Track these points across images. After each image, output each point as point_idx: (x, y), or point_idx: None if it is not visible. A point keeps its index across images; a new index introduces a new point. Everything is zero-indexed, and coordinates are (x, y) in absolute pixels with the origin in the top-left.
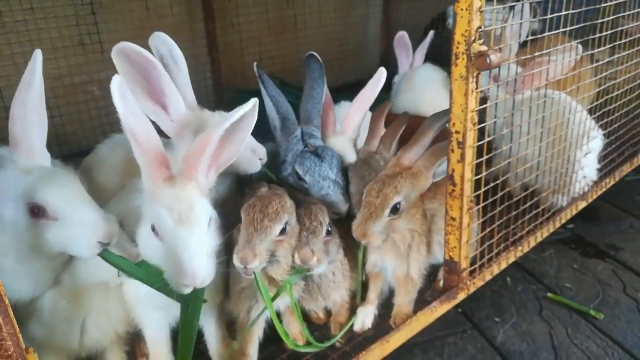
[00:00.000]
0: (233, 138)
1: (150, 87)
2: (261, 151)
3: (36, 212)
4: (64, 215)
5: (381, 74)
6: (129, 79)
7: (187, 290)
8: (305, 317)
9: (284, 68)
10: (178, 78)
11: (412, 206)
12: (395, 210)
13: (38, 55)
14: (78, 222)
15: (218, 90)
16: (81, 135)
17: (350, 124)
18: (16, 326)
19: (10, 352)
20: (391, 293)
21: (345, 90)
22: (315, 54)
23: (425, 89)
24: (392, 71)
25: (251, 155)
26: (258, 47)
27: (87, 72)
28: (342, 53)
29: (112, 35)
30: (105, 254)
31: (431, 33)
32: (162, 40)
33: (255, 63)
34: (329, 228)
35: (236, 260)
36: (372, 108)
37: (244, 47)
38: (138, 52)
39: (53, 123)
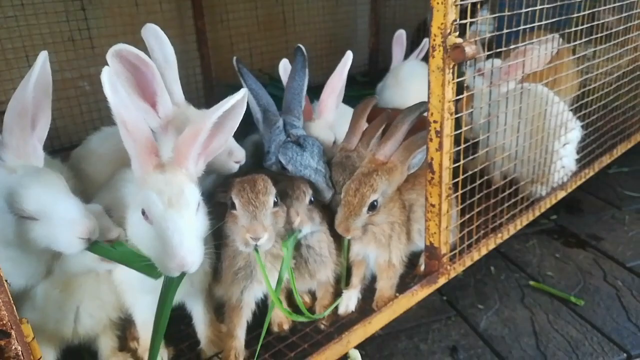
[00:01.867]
0: (223, 128)
1: (142, 86)
2: (239, 154)
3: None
4: (44, 214)
5: (348, 57)
6: (121, 78)
7: (176, 274)
8: (292, 300)
9: (274, 64)
10: (166, 72)
11: (389, 200)
12: (373, 207)
13: (39, 58)
14: (57, 221)
15: (208, 86)
16: (72, 129)
17: (324, 108)
18: (10, 295)
19: (4, 321)
20: (374, 278)
21: None
22: (302, 47)
23: (411, 84)
24: (381, 66)
25: (226, 159)
26: (247, 43)
27: (77, 67)
28: (331, 49)
29: (102, 31)
30: (92, 248)
31: (426, 40)
32: (153, 33)
33: (235, 58)
34: (312, 199)
35: (247, 237)
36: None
37: (233, 43)
38: (135, 54)
39: None
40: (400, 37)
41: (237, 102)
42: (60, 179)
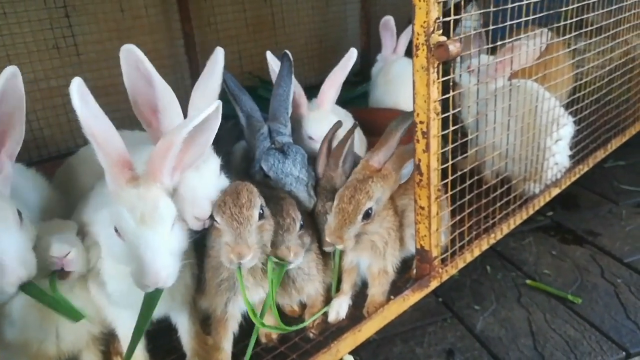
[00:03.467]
0: (197, 140)
1: (147, 97)
2: (199, 211)
3: None
4: None
5: (352, 53)
6: (130, 82)
7: (150, 289)
8: (280, 310)
9: (264, 66)
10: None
11: (383, 208)
12: (367, 215)
13: (3, 75)
14: None
15: None
16: (59, 138)
17: (324, 99)
18: None
19: None
20: (364, 284)
21: None
22: (288, 52)
23: (401, 82)
24: (372, 66)
25: (189, 210)
26: (237, 46)
27: (63, 75)
28: (322, 50)
29: (87, 37)
30: (27, 289)
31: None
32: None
33: None
34: (302, 222)
35: (232, 257)
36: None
37: (222, 46)
38: (142, 61)
39: (31, 127)
40: (388, 23)
41: (210, 115)
42: (10, 211)
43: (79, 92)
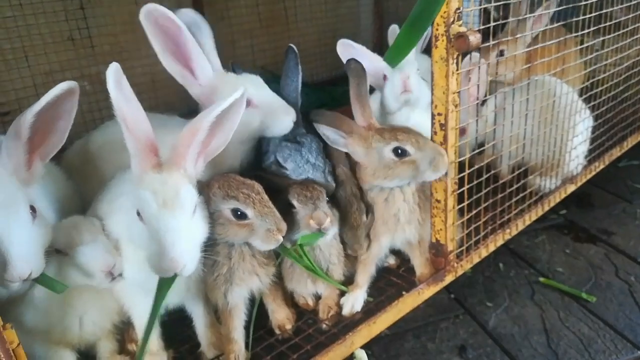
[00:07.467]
0: (222, 126)
1: (178, 51)
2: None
3: None
4: None
5: None
6: (156, 42)
7: (169, 274)
8: (293, 303)
9: (277, 61)
10: (202, 41)
11: None
12: None
13: (56, 88)
14: None
15: None
16: (72, 130)
17: None
18: None
19: None
20: (378, 277)
21: (339, 82)
22: (293, 46)
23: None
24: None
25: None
26: (249, 40)
27: (77, 67)
28: (335, 45)
29: (102, 29)
30: (39, 280)
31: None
32: (186, 15)
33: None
34: (327, 197)
35: (280, 237)
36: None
37: (235, 40)
38: (165, 15)
39: None
40: (393, 33)
41: (235, 101)
42: (22, 207)
43: (114, 76)
